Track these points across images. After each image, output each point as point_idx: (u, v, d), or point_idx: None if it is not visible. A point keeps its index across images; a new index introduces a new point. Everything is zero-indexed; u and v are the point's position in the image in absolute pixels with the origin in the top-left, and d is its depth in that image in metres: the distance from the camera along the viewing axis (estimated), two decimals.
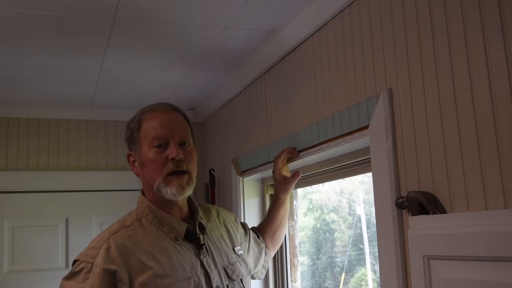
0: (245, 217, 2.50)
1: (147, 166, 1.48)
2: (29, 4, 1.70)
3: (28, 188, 3.03)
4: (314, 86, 1.86)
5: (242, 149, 2.54)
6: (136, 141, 1.51)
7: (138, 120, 1.52)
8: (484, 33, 1.12)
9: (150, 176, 1.47)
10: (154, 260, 1.39)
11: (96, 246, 1.40)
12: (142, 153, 1.49)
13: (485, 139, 1.11)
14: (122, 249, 1.38)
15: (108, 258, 1.35)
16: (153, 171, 1.46)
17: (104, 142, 3.22)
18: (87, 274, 1.34)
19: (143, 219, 1.48)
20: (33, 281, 2.95)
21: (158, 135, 1.47)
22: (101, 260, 1.35)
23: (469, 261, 1.09)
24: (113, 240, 1.40)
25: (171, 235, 1.46)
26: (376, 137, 1.46)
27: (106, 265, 1.34)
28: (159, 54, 2.24)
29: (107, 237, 1.41)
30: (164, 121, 1.49)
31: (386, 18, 1.46)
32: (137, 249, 1.40)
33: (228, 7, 1.79)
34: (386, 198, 1.40)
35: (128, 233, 1.43)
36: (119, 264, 1.35)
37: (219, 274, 1.48)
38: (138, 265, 1.36)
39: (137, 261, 1.37)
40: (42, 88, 2.69)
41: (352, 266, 4.18)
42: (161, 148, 1.46)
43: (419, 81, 1.32)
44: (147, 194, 1.53)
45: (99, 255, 1.36)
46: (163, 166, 1.45)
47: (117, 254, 1.36)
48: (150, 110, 1.54)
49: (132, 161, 1.54)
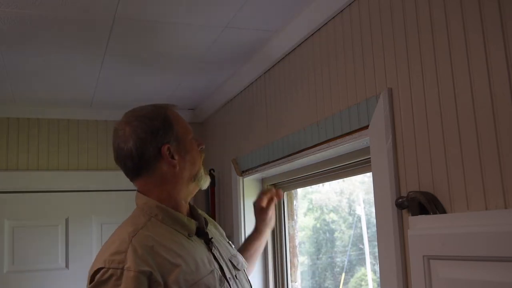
0: (245, 217, 2.50)
1: (192, 156, 1.51)
2: (29, 4, 1.70)
3: (28, 188, 3.03)
4: (314, 86, 1.86)
5: (242, 149, 2.54)
6: (174, 134, 1.47)
7: (166, 116, 1.49)
8: (484, 33, 1.12)
9: (193, 165, 1.51)
10: (178, 257, 1.35)
11: (120, 250, 1.31)
12: (186, 144, 1.50)
13: (485, 139, 1.11)
14: (148, 249, 1.32)
15: (139, 260, 1.28)
16: (196, 160, 1.52)
17: (104, 142, 3.22)
18: (118, 281, 1.25)
19: (153, 220, 1.43)
20: (33, 281, 2.95)
21: (190, 129, 1.55)
22: (132, 263, 1.27)
23: (469, 261, 1.09)
24: (136, 241, 1.33)
25: (184, 232, 1.44)
26: (376, 137, 1.46)
27: (140, 267, 1.26)
28: (159, 54, 2.24)
29: (129, 240, 1.33)
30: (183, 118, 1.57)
31: (386, 18, 1.46)
32: (160, 248, 1.35)
33: (228, 7, 1.79)
34: (386, 198, 1.40)
35: (146, 234, 1.37)
36: (151, 265, 1.29)
37: (227, 266, 1.51)
38: (167, 264, 1.32)
39: (165, 260, 1.32)
40: (42, 88, 2.69)
41: (352, 266, 4.18)
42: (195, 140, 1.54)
43: (419, 81, 1.32)
44: (156, 192, 1.47)
45: (128, 259, 1.28)
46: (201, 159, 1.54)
47: (146, 255, 1.30)
48: (169, 107, 1.54)
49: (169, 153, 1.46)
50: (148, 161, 1.44)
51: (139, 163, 1.45)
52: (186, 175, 1.49)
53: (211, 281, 1.37)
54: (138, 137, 1.44)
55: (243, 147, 2.53)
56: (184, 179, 1.49)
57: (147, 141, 1.43)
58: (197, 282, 1.34)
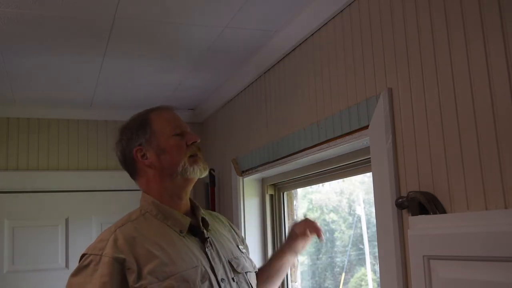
0: (245, 217, 2.50)
1: (169, 152, 1.55)
2: (29, 4, 1.70)
3: (28, 188, 3.02)
4: (314, 86, 1.86)
5: (242, 149, 2.54)
6: (147, 135, 1.57)
7: (144, 119, 1.59)
8: (484, 33, 1.12)
9: (172, 160, 1.54)
10: (161, 249, 1.43)
11: (103, 239, 1.44)
12: (161, 143, 1.56)
13: (485, 139, 1.11)
14: (129, 239, 1.43)
15: (116, 248, 1.39)
16: (175, 155, 1.54)
17: (104, 142, 3.22)
18: (96, 266, 1.38)
19: (147, 214, 1.53)
20: (33, 281, 2.95)
21: (176, 125, 1.58)
22: (109, 250, 1.39)
23: (469, 261, 1.09)
24: (120, 232, 1.45)
25: (176, 228, 1.51)
26: (376, 137, 1.46)
27: (115, 254, 1.38)
28: (159, 54, 2.24)
29: (114, 230, 1.46)
30: (174, 116, 1.62)
31: (386, 18, 1.46)
32: (144, 239, 1.44)
33: (228, 7, 1.79)
34: (386, 198, 1.40)
35: (134, 226, 1.49)
36: (127, 253, 1.39)
37: (224, 268, 1.52)
38: (146, 254, 1.41)
39: (145, 251, 1.41)
40: (42, 88, 2.69)
41: (352, 266, 4.18)
42: (180, 137, 1.57)
43: (419, 81, 1.32)
44: (153, 189, 1.57)
45: (107, 246, 1.40)
46: (185, 150, 1.55)
47: (124, 244, 1.41)
48: (154, 110, 1.62)
49: (141, 155, 1.57)
50: (131, 164, 1.60)
51: (126, 167, 1.62)
52: (167, 172, 1.55)
53: (192, 275, 1.41)
54: (120, 144, 1.61)
55: (243, 147, 2.53)
56: (165, 176, 1.55)
57: (124, 146, 1.59)
58: (175, 274, 1.39)
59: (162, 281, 1.37)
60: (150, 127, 1.58)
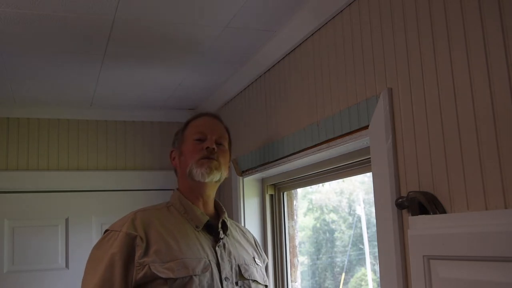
0: (245, 217, 2.50)
1: (185, 155, 1.72)
2: (29, 4, 1.70)
3: (28, 188, 3.02)
4: (314, 86, 1.86)
5: (242, 149, 2.54)
6: (180, 139, 1.78)
7: (185, 124, 1.81)
8: (484, 33, 1.12)
9: (185, 162, 1.70)
10: (172, 237, 1.57)
11: (124, 218, 1.62)
12: (183, 146, 1.74)
13: (485, 139, 1.11)
14: (146, 221, 1.59)
15: (133, 226, 1.56)
16: (188, 157, 1.70)
17: (104, 142, 3.22)
18: (113, 240, 1.54)
19: (172, 208, 1.70)
20: (33, 281, 2.95)
21: (198, 130, 1.74)
22: (126, 227, 1.56)
23: (469, 261, 1.09)
24: (140, 214, 1.62)
25: (193, 222, 1.65)
26: (376, 137, 1.46)
27: (128, 230, 1.54)
28: (159, 54, 2.24)
29: (136, 212, 1.64)
30: (206, 122, 1.78)
31: (386, 18, 1.46)
32: (159, 225, 1.59)
33: (228, 7, 1.79)
34: (386, 198, 1.40)
35: (155, 213, 1.65)
36: (140, 231, 1.55)
37: (231, 269, 1.60)
38: (157, 236, 1.56)
39: (156, 233, 1.56)
40: (42, 88, 2.69)
41: (352, 266, 4.18)
42: (200, 141, 1.71)
43: (419, 81, 1.32)
44: (180, 186, 1.75)
45: (125, 224, 1.57)
46: (198, 153, 1.68)
47: (140, 224, 1.57)
48: (196, 117, 1.81)
49: (173, 157, 1.80)
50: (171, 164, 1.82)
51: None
52: (183, 173, 1.73)
53: (193, 264, 1.52)
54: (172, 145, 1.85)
55: (243, 147, 2.53)
56: (184, 176, 1.72)
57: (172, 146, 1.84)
58: (177, 259, 1.52)
59: (164, 262, 1.49)
60: (183, 132, 1.79)
